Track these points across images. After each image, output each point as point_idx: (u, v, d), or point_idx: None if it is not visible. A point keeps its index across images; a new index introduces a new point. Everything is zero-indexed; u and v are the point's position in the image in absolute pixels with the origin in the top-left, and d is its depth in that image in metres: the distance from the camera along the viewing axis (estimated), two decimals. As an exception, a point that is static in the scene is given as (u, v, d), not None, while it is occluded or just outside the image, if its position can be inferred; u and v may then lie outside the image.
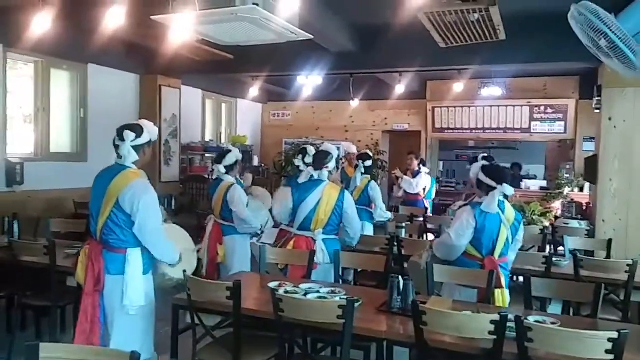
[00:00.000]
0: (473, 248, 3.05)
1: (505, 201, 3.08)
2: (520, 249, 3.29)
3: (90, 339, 2.71)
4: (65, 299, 3.60)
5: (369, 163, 5.58)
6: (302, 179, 3.61)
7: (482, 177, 3.08)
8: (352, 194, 5.41)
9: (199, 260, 3.61)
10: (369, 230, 5.35)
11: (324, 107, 10.05)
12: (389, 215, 5.40)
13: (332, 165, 3.62)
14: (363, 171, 5.52)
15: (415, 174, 6.84)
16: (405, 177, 6.72)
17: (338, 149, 3.87)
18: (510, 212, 3.07)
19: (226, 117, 9.84)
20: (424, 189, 6.93)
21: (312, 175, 3.58)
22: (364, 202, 5.41)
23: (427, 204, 6.96)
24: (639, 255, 3.98)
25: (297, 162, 4.85)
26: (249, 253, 4.37)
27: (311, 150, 5.00)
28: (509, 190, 2.99)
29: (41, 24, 4.36)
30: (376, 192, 5.40)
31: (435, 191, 7.64)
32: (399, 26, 5.22)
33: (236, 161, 4.36)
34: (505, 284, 3.01)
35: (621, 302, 3.43)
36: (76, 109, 6.61)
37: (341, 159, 8.55)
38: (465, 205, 3.21)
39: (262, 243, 3.66)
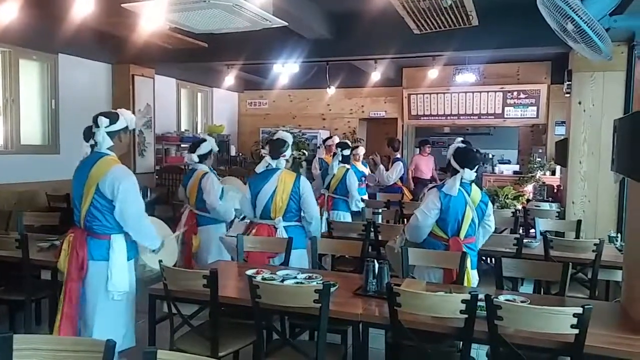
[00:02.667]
0: (439, 228, 3.11)
1: (472, 184, 3.15)
2: (493, 232, 3.36)
3: (76, 324, 2.75)
4: (39, 293, 3.55)
5: (347, 152, 5.59)
6: (259, 169, 3.61)
7: (452, 160, 3.15)
8: (329, 183, 5.47)
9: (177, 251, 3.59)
10: (348, 219, 5.38)
11: (300, 95, 10.02)
12: (363, 205, 5.44)
13: (288, 153, 3.62)
14: (340, 159, 5.53)
15: (393, 162, 6.87)
16: (381, 166, 6.74)
17: (315, 137, 3.89)
18: (476, 194, 3.13)
19: (202, 106, 9.74)
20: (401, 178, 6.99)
21: (269, 164, 3.57)
22: (342, 192, 5.43)
23: (406, 190, 7.03)
24: (607, 236, 4.11)
25: (264, 152, 4.86)
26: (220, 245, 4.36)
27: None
28: (468, 174, 3.07)
29: (7, 12, 4.23)
30: (352, 182, 5.42)
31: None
32: (373, 13, 5.22)
33: (210, 150, 4.35)
34: (472, 265, 3.08)
35: (588, 280, 3.55)
36: (47, 100, 6.46)
37: (318, 147, 8.56)
38: (433, 187, 3.26)
39: (229, 236, 3.64)
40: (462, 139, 4.10)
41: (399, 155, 7.00)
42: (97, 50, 6.77)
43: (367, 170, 6.64)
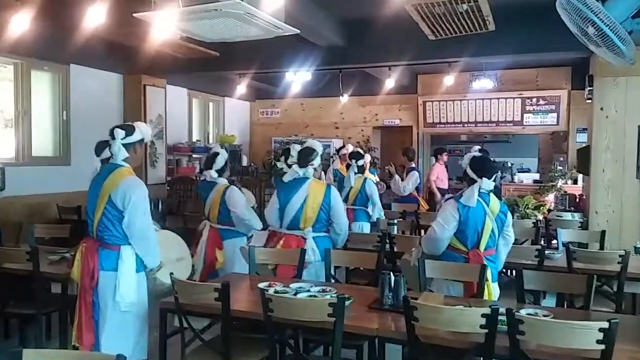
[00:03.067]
0: (458, 241, 3.09)
1: (491, 193, 3.12)
2: (513, 243, 3.32)
3: (94, 333, 2.80)
4: (50, 306, 3.58)
5: (361, 162, 5.59)
6: (287, 178, 3.63)
7: (468, 169, 3.13)
8: (347, 195, 5.46)
9: (192, 266, 3.61)
10: (367, 230, 5.35)
11: (313, 103, 10.06)
12: (382, 213, 5.44)
13: (317, 162, 3.64)
14: (356, 170, 5.53)
15: (408, 172, 6.84)
16: (396, 176, 6.72)
17: (328, 146, 3.91)
18: (495, 204, 3.11)
19: (213, 116, 9.82)
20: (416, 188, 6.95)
21: (296, 174, 3.59)
22: (362, 202, 5.41)
23: (422, 200, 7.00)
24: (632, 247, 4.03)
25: (280, 164, 4.89)
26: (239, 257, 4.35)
27: (295, 149, 5.04)
28: (486, 184, 3.04)
29: (19, 23, 4.32)
30: (373, 190, 5.43)
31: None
32: (387, 18, 5.24)
33: (225, 162, 4.37)
34: (492, 278, 3.04)
35: (614, 293, 3.48)
36: (58, 111, 6.57)
37: (332, 156, 8.57)
38: (450, 198, 3.23)
39: (251, 246, 3.65)
40: (479, 147, 4.08)
41: (413, 165, 6.98)
42: (108, 61, 6.89)
43: (375, 178, 6.66)
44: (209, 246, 4.19)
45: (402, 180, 6.76)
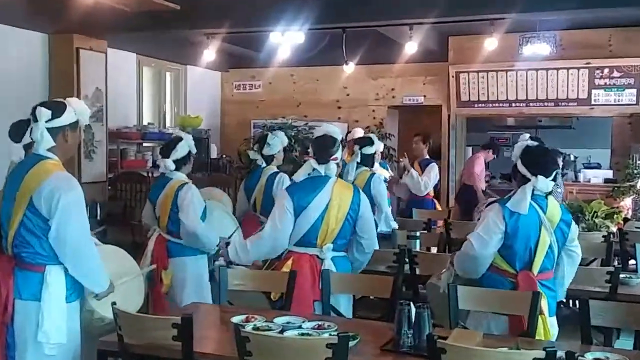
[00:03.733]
0: (503, 260, 3.10)
1: (549, 197, 3.14)
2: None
3: None
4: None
5: (369, 150, 5.59)
6: (299, 176, 3.64)
7: (519, 163, 3.14)
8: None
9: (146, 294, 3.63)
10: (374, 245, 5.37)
11: (307, 75, 10.06)
12: (395, 224, 5.45)
13: (339, 154, 3.68)
14: (359, 160, 5.53)
15: (424, 165, 6.88)
16: (412, 171, 6.75)
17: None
18: (554, 211, 3.12)
19: (172, 91, 9.84)
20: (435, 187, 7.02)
21: (315, 171, 3.61)
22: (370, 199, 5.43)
23: (438, 203, 7.09)
24: None
25: (253, 154, 4.92)
26: (206, 280, 4.39)
27: (277, 138, 5.08)
28: (543, 184, 3.06)
29: None
30: (381, 191, 5.43)
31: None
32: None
33: (189, 153, 4.41)
34: (549, 310, 3.06)
35: None
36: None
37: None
38: (493, 202, 3.24)
39: (235, 265, 3.67)
40: (529, 135, 4.09)
41: (427, 157, 7.04)
42: (29, 16, 6.87)
43: (387, 174, 6.69)
44: (152, 262, 4.24)
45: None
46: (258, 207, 5.13)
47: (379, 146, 6.46)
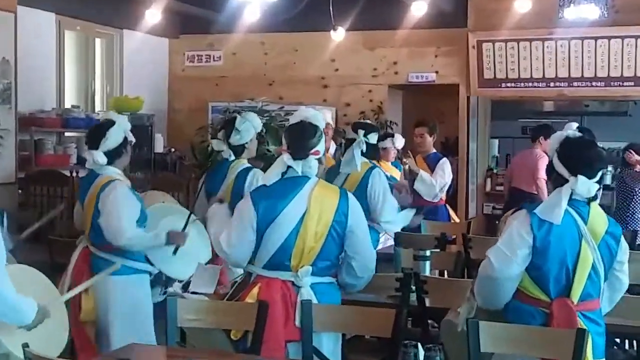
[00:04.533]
0: (532, 284, 3.13)
1: (592, 203, 3.17)
2: (629, 291, 3.38)
3: None
4: None
5: (374, 138, 5.66)
6: (269, 177, 3.63)
7: (555, 158, 3.18)
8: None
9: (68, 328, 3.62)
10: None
11: (283, 43, 10.06)
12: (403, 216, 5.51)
13: (321, 147, 3.66)
14: (364, 149, 5.57)
15: (432, 161, 6.92)
16: (422, 173, 6.77)
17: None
18: (598, 221, 3.15)
19: (103, 63, 9.77)
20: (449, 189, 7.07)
21: (288, 168, 3.61)
22: (364, 207, 5.45)
23: (453, 212, 7.14)
24: None
25: (218, 144, 4.88)
26: (147, 310, 4.38)
27: (248, 122, 5.08)
28: (584, 186, 3.08)
29: None
30: (382, 185, 5.49)
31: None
32: None
33: (125, 140, 4.40)
34: (595, 351, 3.08)
35: None
36: None
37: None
38: (519, 209, 3.28)
39: (193, 293, 3.67)
40: (576, 124, 4.12)
41: (434, 150, 7.10)
42: None
43: (399, 175, 6.69)
44: (73, 279, 4.23)
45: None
46: None
47: (399, 140, 6.49)
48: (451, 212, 7.21)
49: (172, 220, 4.51)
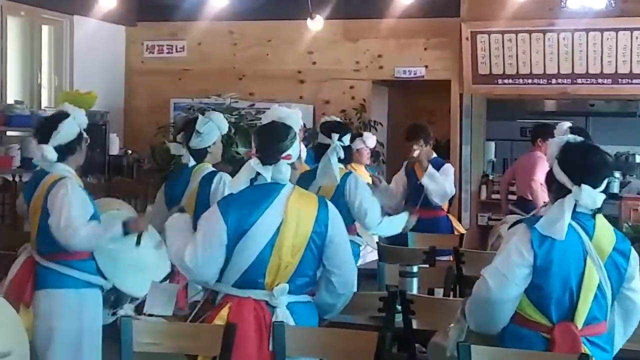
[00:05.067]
0: (532, 307, 3.13)
1: (598, 215, 3.18)
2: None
3: None
4: None
5: (348, 139, 5.64)
6: (238, 183, 3.62)
7: (555, 166, 3.18)
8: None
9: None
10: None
11: (254, 33, 10.06)
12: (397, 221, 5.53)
13: (295, 151, 3.66)
14: (342, 155, 5.54)
15: (435, 167, 6.88)
16: (431, 169, 6.74)
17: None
18: (604, 236, 3.17)
19: (51, 54, 9.72)
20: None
21: (257, 175, 3.61)
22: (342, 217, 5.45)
23: (455, 221, 7.15)
24: None
25: (176, 148, 4.88)
26: (96, 334, 4.36)
27: (212, 123, 5.08)
28: (589, 197, 3.09)
29: None
30: (362, 192, 5.50)
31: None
32: None
33: (80, 136, 4.41)
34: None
35: None
36: None
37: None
38: (517, 222, 3.28)
39: (148, 315, 3.67)
40: (569, 123, 4.12)
41: (435, 155, 7.11)
42: None
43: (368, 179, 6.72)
44: (10, 290, 4.21)
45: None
46: None
47: (370, 139, 6.48)
48: (455, 223, 7.18)
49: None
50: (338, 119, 6.20)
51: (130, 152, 9.76)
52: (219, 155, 5.30)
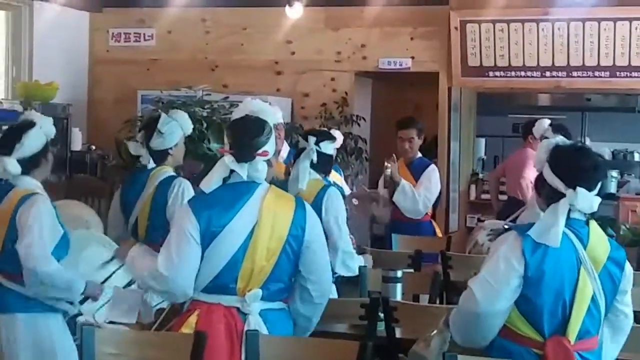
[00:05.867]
0: (523, 320, 3.14)
1: (591, 222, 3.19)
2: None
3: None
4: None
5: (328, 147, 5.60)
6: (211, 182, 3.60)
7: (547, 172, 3.18)
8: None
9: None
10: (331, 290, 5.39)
11: (229, 20, 10.05)
12: (361, 260, 5.47)
13: (271, 147, 3.66)
14: (315, 159, 5.51)
15: (417, 168, 6.96)
16: (404, 183, 6.76)
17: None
18: (599, 245, 3.18)
19: (9, 42, 9.68)
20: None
21: (231, 173, 3.60)
22: None
23: (437, 227, 7.16)
24: None
25: (136, 147, 4.86)
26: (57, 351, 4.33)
27: (174, 123, 5.06)
28: (584, 202, 3.10)
29: None
30: (339, 212, 5.44)
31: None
32: None
33: (46, 147, 4.37)
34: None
35: None
36: None
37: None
38: (507, 230, 3.29)
39: (110, 323, 3.65)
40: (549, 121, 4.10)
41: (420, 155, 7.14)
42: None
43: (346, 187, 6.70)
44: None
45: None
46: (142, 232, 5.07)
47: (337, 137, 6.44)
48: (436, 228, 7.24)
49: (94, 254, 4.49)
50: (325, 129, 6.19)
51: (93, 147, 9.70)
52: (181, 158, 5.29)
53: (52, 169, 4.70)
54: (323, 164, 5.54)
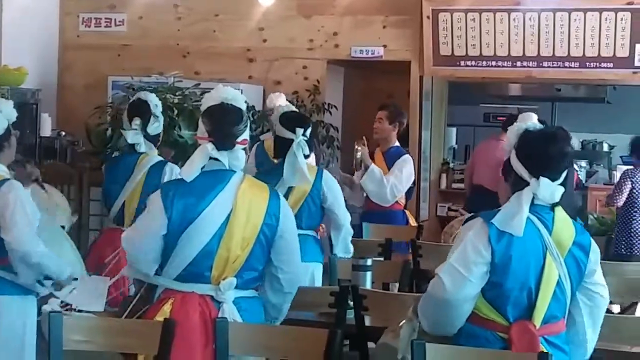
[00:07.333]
0: (489, 306, 3.14)
1: (557, 208, 3.20)
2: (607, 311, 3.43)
3: None
4: None
5: (309, 132, 5.59)
6: (192, 169, 3.59)
7: (513, 157, 3.20)
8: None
9: None
10: (319, 280, 5.42)
11: (200, 7, 10.01)
12: (351, 248, 5.53)
13: (246, 134, 3.67)
14: (307, 152, 5.49)
15: (392, 157, 6.97)
16: (373, 167, 6.77)
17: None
18: (564, 230, 3.19)
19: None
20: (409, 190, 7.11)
21: (211, 162, 3.58)
22: (311, 219, 5.47)
23: (410, 215, 7.16)
24: None
25: (134, 134, 4.83)
26: (29, 337, 4.31)
27: (155, 103, 5.04)
28: (547, 191, 3.12)
29: None
30: (337, 189, 5.54)
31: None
32: None
33: (8, 131, 4.34)
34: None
35: None
36: None
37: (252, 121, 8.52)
38: (472, 217, 3.30)
39: (73, 310, 3.67)
40: (535, 116, 4.12)
41: (397, 144, 7.15)
42: None
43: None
44: None
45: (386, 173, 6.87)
46: (128, 217, 5.06)
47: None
48: (410, 218, 7.26)
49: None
50: (289, 103, 6.17)
51: (63, 133, 9.61)
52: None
53: (20, 153, 4.67)
54: (310, 149, 5.60)
